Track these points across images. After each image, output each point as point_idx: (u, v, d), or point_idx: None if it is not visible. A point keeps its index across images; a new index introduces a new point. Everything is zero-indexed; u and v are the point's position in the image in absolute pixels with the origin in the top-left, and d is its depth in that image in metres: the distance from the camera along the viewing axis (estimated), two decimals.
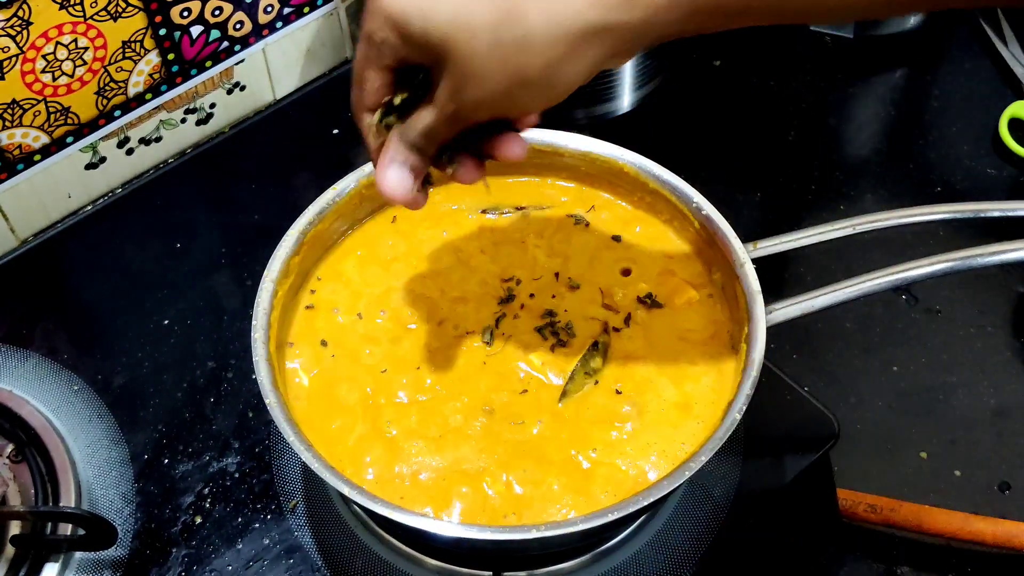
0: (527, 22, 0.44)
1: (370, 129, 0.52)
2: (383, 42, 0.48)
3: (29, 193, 0.86)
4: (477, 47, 0.45)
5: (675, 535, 0.68)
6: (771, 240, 0.67)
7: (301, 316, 0.67)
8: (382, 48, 0.48)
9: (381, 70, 0.50)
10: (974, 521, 0.73)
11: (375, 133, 0.53)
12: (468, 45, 0.45)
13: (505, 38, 0.44)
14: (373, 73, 0.50)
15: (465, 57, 0.45)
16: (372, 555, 0.67)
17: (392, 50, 0.48)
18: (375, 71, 0.50)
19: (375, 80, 0.50)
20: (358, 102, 0.52)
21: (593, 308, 0.68)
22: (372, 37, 0.48)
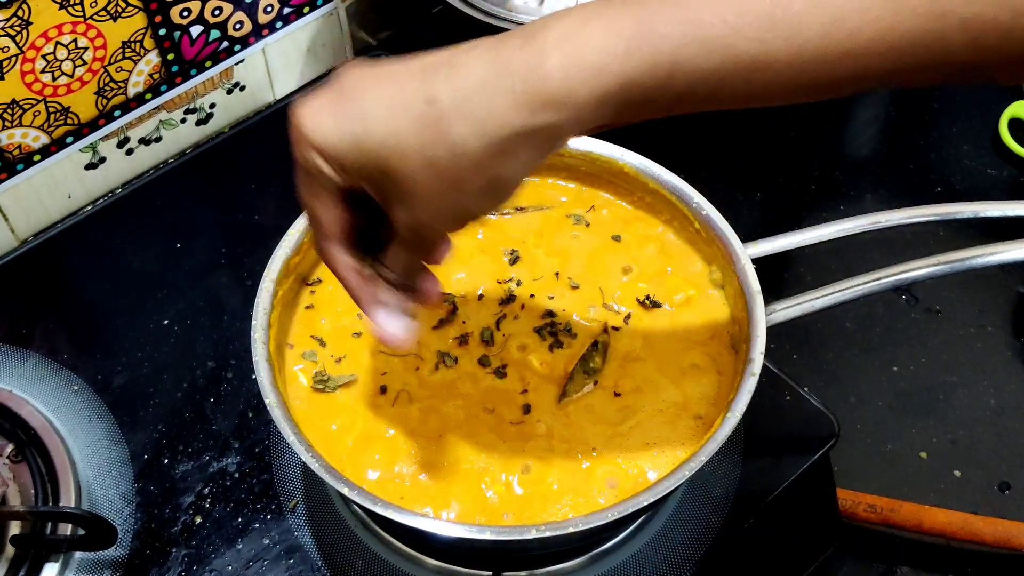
0: (453, 136, 0.43)
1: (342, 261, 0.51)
2: (320, 173, 0.46)
3: (29, 193, 0.86)
4: (414, 169, 0.44)
5: (675, 535, 0.68)
6: (771, 240, 0.67)
7: (301, 316, 0.67)
8: (321, 179, 0.47)
9: (328, 199, 0.48)
10: (974, 521, 0.73)
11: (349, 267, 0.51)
12: (405, 168, 0.44)
13: (436, 155, 0.43)
14: (320, 203, 0.48)
15: (406, 180, 0.44)
16: (372, 555, 0.67)
17: (331, 180, 0.47)
18: (322, 201, 0.48)
19: (325, 210, 0.49)
20: (321, 239, 0.50)
21: (593, 308, 0.68)
22: (307, 168, 0.47)
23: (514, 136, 0.43)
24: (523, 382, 0.64)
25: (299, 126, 0.46)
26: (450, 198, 0.45)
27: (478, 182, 0.44)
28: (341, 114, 0.45)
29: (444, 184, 0.44)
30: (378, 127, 0.44)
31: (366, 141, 0.44)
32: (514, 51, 0.43)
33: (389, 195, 0.46)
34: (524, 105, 0.42)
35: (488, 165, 0.44)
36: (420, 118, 0.43)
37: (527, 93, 0.42)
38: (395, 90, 0.44)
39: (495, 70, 0.43)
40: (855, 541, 0.76)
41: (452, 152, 0.43)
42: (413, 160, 0.44)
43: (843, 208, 0.92)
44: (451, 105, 0.43)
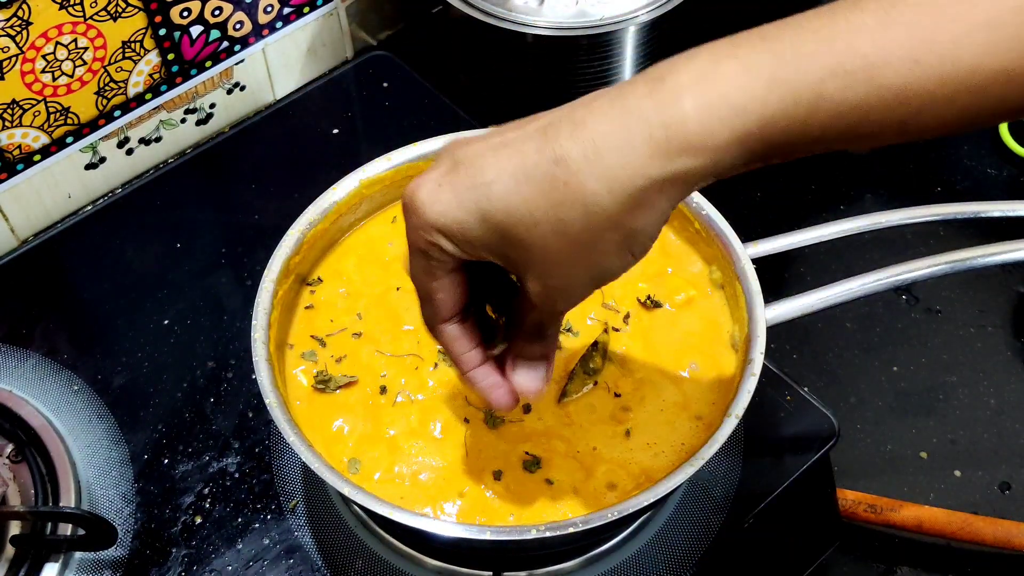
0: (588, 195, 0.41)
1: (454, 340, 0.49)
2: (441, 251, 0.44)
3: (29, 193, 0.86)
4: (544, 234, 0.42)
5: (675, 535, 0.68)
6: (771, 240, 0.67)
7: (301, 316, 0.67)
8: (441, 257, 0.45)
9: (447, 276, 0.46)
10: (974, 521, 0.73)
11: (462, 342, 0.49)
12: (535, 236, 0.42)
13: (570, 218, 0.41)
14: (439, 283, 0.46)
15: (537, 248, 0.42)
16: (372, 555, 0.67)
17: (453, 258, 0.45)
18: (440, 280, 0.46)
19: (445, 289, 0.47)
20: (433, 317, 0.48)
21: (593, 308, 0.68)
22: (427, 252, 0.45)
23: (650, 186, 0.41)
24: None
25: (417, 208, 0.44)
26: (585, 261, 0.43)
27: (614, 239, 0.43)
28: (461, 188, 0.43)
29: (578, 246, 0.42)
30: (503, 196, 0.42)
31: (492, 212, 0.42)
32: (642, 98, 0.41)
33: (519, 266, 0.44)
34: (661, 153, 0.40)
35: (624, 220, 0.42)
36: (548, 180, 0.41)
37: (664, 140, 0.40)
38: (515, 155, 0.42)
39: (625, 120, 0.41)
40: (855, 541, 0.76)
41: (585, 211, 0.41)
42: (544, 226, 0.42)
43: (843, 208, 0.92)
44: (581, 162, 0.41)
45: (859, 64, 0.39)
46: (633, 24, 0.88)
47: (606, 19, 0.87)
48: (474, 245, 0.44)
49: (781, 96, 0.40)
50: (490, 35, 0.88)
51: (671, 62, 0.42)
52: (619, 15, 0.87)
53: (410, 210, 0.44)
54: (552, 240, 0.42)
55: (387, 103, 0.96)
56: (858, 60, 0.39)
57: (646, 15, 0.88)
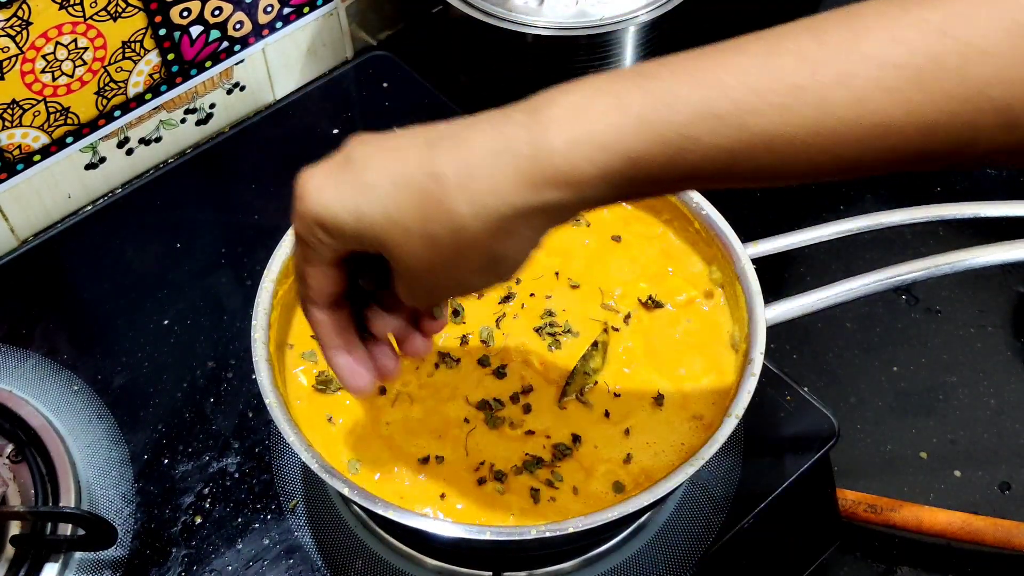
0: (454, 214, 0.41)
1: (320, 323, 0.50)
2: (319, 242, 0.46)
3: (29, 193, 0.86)
4: (414, 245, 0.43)
5: (675, 535, 0.68)
6: (771, 240, 0.67)
7: (301, 316, 0.67)
8: (319, 248, 0.46)
9: (324, 266, 0.47)
10: (974, 521, 0.73)
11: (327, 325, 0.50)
12: (405, 244, 0.43)
13: (438, 232, 0.42)
14: (316, 270, 0.47)
15: (405, 255, 0.43)
16: (372, 555, 0.67)
17: (331, 249, 0.46)
18: (317, 268, 0.47)
19: (319, 277, 0.48)
20: (304, 299, 0.50)
21: (593, 308, 0.68)
22: (307, 240, 0.46)
23: (515, 214, 0.42)
24: (523, 382, 0.64)
25: (302, 197, 0.45)
26: (449, 275, 0.44)
27: (478, 260, 0.43)
28: (344, 186, 0.44)
29: (443, 260, 0.43)
30: (380, 200, 0.43)
31: (368, 213, 0.43)
32: (518, 127, 0.41)
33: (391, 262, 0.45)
34: (526, 183, 0.41)
35: (488, 243, 0.43)
36: (422, 194, 0.42)
37: (530, 171, 0.41)
38: (399, 162, 0.43)
39: (498, 145, 0.41)
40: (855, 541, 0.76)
41: (452, 229, 0.42)
42: (414, 236, 0.43)
43: (843, 208, 0.92)
44: (453, 180, 0.41)
45: (728, 108, 0.39)
46: (633, 24, 0.88)
47: (606, 19, 0.87)
48: (348, 241, 0.45)
49: (648, 136, 0.40)
50: (490, 35, 0.88)
51: (553, 92, 0.42)
52: (619, 15, 0.88)
53: (297, 197, 0.45)
54: (420, 250, 0.43)
55: (387, 103, 0.96)
56: (728, 104, 0.39)
57: (646, 15, 0.88)
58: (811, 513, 0.75)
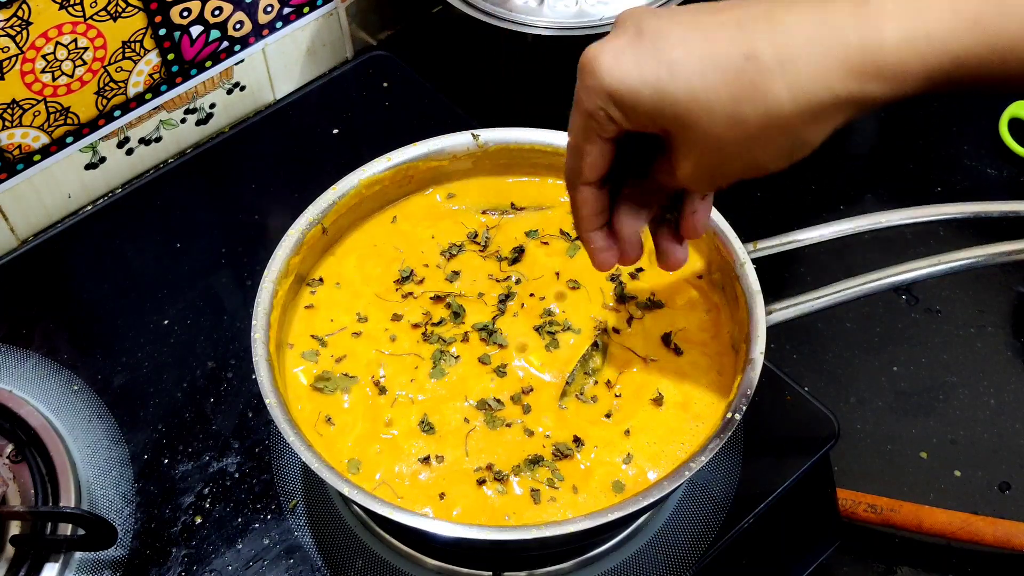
0: (770, 97, 0.42)
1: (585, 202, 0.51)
2: (607, 117, 0.45)
3: (29, 193, 0.86)
4: (718, 123, 0.43)
5: (675, 535, 0.68)
6: (771, 240, 0.67)
7: (301, 316, 0.67)
8: (604, 123, 0.46)
9: (603, 142, 0.47)
10: (974, 521, 0.73)
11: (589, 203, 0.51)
12: (707, 122, 0.43)
13: (747, 113, 0.42)
14: (594, 147, 0.47)
15: (706, 133, 0.43)
16: (372, 555, 0.67)
17: (616, 124, 0.46)
18: (596, 144, 0.47)
19: (595, 153, 0.48)
20: (576, 174, 0.50)
21: (593, 308, 0.68)
22: (594, 114, 0.45)
23: (833, 102, 0.42)
24: (523, 382, 0.64)
25: (596, 71, 0.44)
26: (747, 154, 0.44)
27: (782, 142, 0.44)
28: (645, 60, 0.43)
29: (745, 140, 0.43)
30: (687, 77, 0.42)
31: (671, 90, 0.43)
32: (846, 16, 0.41)
33: (679, 143, 0.45)
34: (853, 74, 0.41)
35: (798, 128, 0.43)
36: (736, 73, 0.42)
37: (859, 61, 0.41)
38: (707, 39, 0.43)
39: (825, 32, 0.41)
40: (855, 541, 0.76)
41: (765, 111, 0.42)
42: (719, 115, 0.43)
43: (843, 208, 0.92)
44: (773, 63, 0.41)
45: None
46: None
47: (606, 19, 0.87)
48: (641, 117, 0.44)
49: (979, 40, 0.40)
50: (490, 35, 0.88)
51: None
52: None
53: (587, 71, 0.45)
54: (722, 129, 0.43)
55: (387, 103, 0.96)
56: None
57: None
58: (811, 513, 0.75)
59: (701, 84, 0.42)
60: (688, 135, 0.44)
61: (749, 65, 0.42)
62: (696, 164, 0.45)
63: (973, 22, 0.40)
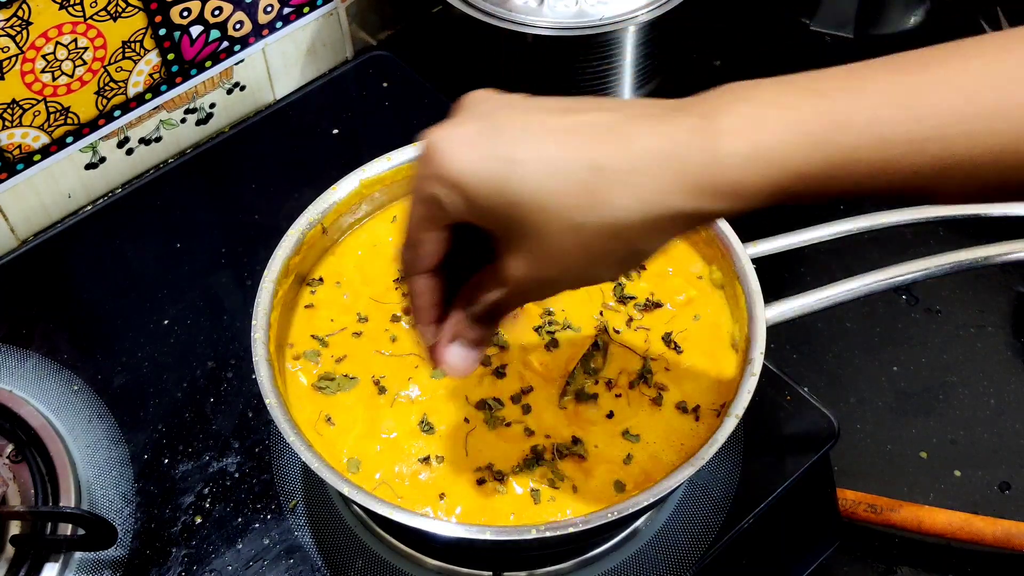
0: (612, 208, 0.42)
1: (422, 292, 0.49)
2: (447, 207, 0.44)
3: (29, 193, 0.86)
4: (557, 229, 0.42)
5: (675, 535, 0.68)
6: (771, 240, 0.67)
7: (301, 316, 0.67)
8: (444, 211, 0.45)
9: (440, 231, 0.46)
10: (974, 521, 0.73)
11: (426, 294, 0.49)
12: (545, 227, 0.42)
13: (588, 222, 0.42)
14: (430, 235, 0.46)
15: (543, 238, 0.43)
16: (372, 555, 0.67)
17: (456, 213, 0.45)
18: (431, 235, 0.46)
19: (432, 243, 0.47)
20: (411, 264, 0.49)
21: (593, 308, 0.68)
22: (435, 203, 0.44)
23: (673, 216, 0.42)
24: (523, 382, 0.64)
25: (440, 158, 0.43)
26: (582, 264, 0.44)
27: (619, 254, 0.44)
28: (492, 153, 0.43)
29: (583, 250, 0.43)
30: (532, 179, 0.42)
31: (513, 189, 0.42)
32: (689, 133, 0.41)
33: (514, 245, 0.44)
34: (693, 190, 0.41)
35: (635, 240, 0.43)
36: (580, 183, 0.42)
37: (699, 178, 0.41)
38: (557, 145, 0.42)
39: (668, 148, 0.41)
40: (855, 541, 0.76)
41: (604, 223, 0.42)
42: (559, 222, 0.42)
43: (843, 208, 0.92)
44: (617, 176, 0.41)
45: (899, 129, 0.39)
46: (633, 24, 0.88)
47: (606, 19, 0.87)
48: (480, 212, 0.44)
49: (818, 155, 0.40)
50: (490, 35, 0.88)
51: (726, 97, 0.42)
52: (619, 15, 0.88)
53: (431, 158, 0.44)
54: (560, 237, 0.43)
55: (387, 103, 0.96)
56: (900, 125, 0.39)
57: (646, 15, 0.88)
58: (811, 513, 0.75)
59: (545, 187, 0.42)
60: (526, 239, 0.43)
61: (594, 176, 0.42)
62: (531, 268, 0.45)
63: (810, 138, 0.40)
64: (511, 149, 0.43)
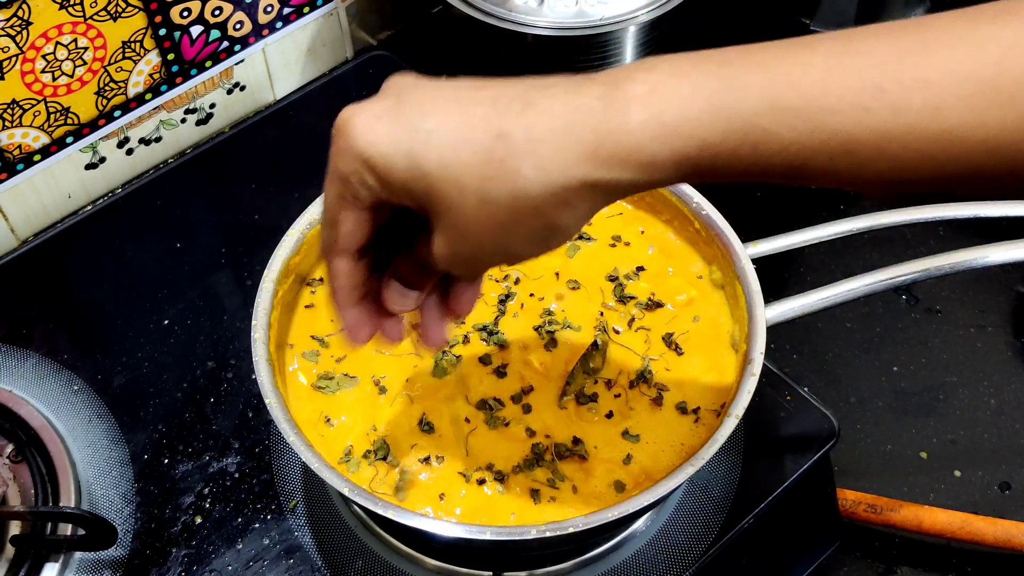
0: (518, 179, 0.41)
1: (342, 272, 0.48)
2: (361, 184, 0.44)
3: (29, 193, 0.86)
4: (468, 203, 0.42)
5: (675, 535, 0.68)
6: (771, 240, 0.67)
7: (301, 316, 0.67)
8: (359, 190, 0.44)
9: (358, 211, 0.46)
10: (974, 521, 0.73)
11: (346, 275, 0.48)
12: (458, 199, 0.42)
13: (496, 193, 0.41)
14: (348, 214, 0.46)
15: (456, 211, 0.42)
16: (372, 555, 0.67)
17: (371, 192, 0.44)
18: (350, 212, 0.46)
19: (351, 222, 0.46)
20: (331, 245, 0.48)
21: (593, 308, 0.68)
22: (347, 179, 0.44)
23: (579, 186, 0.41)
24: (523, 381, 0.64)
25: (350, 133, 0.43)
26: (497, 237, 0.43)
27: (532, 226, 0.43)
28: (400, 127, 0.42)
29: (495, 223, 0.42)
30: (439, 150, 0.41)
31: (423, 161, 0.42)
32: (595, 100, 0.41)
33: (435, 220, 0.44)
34: (597, 159, 0.41)
35: (546, 211, 0.42)
36: (487, 151, 0.41)
37: (602, 146, 0.40)
38: (463, 116, 0.42)
39: (573, 116, 0.41)
40: (855, 541, 0.76)
41: (513, 192, 0.41)
42: (469, 193, 0.42)
43: (843, 208, 0.92)
44: (521, 145, 0.41)
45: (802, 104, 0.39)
46: (633, 24, 0.88)
47: (606, 19, 0.87)
48: (395, 187, 0.43)
49: (719, 124, 0.40)
50: (490, 35, 0.88)
51: (632, 68, 0.42)
52: (619, 15, 0.88)
53: (341, 133, 0.44)
54: (473, 210, 0.42)
55: None
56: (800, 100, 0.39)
57: (646, 15, 0.88)
58: (811, 513, 0.75)
59: (453, 158, 0.41)
60: (441, 212, 0.43)
61: (499, 144, 0.41)
62: (450, 244, 0.44)
63: (709, 106, 0.40)
64: (418, 120, 0.42)
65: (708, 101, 0.40)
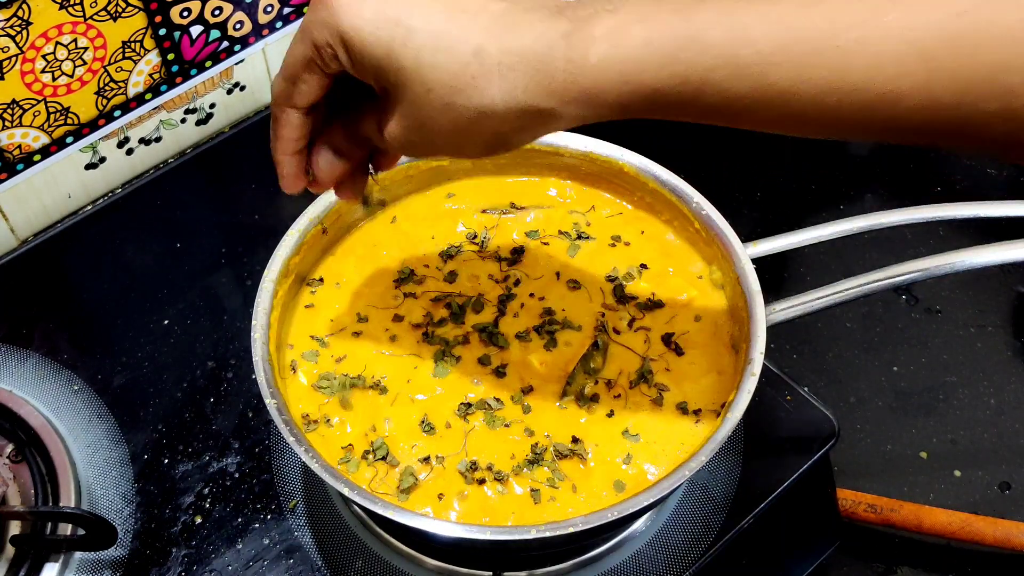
0: (485, 96, 0.44)
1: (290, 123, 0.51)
2: (332, 56, 0.46)
3: (29, 193, 0.86)
4: (432, 102, 0.44)
5: (675, 535, 0.68)
6: (771, 240, 0.67)
7: (301, 316, 0.67)
8: (328, 60, 0.46)
9: (321, 76, 0.48)
10: (974, 521, 0.73)
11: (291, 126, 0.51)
12: (424, 98, 0.45)
13: (461, 104, 0.44)
14: (312, 77, 0.48)
15: (418, 108, 0.45)
16: (372, 555, 0.67)
17: (338, 66, 0.46)
18: (314, 75, 0.48)
19: (312, 83, 0.48)
20: (285, 97, 0.50)
21: (593, 308, 0.68)
22: (320, 48, 0.46)
23: (537, 113, 0.44)
24: (523, 382, 0.64)
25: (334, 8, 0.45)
26: (451, 139, 0.46)
27: (485, 137, 0.46)
28: (384, 16, 0.44)
29: (454, 127, 0.45)
30: (417, 50, 0.44)
31: (399, 55, 0.44)
32: (561, 35, 0.43)
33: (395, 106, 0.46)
34: (557, 92, 0.44)
35: (503, 130, 0.45)
36: (462, 65, 0.44)
37: (559, 83, 0.43)
38: (448, 20, 0.44)
39: (540, 50, 0.43)
40: (855, 541, 0.76)
41: (478, 107, 0.44)
42: (435, 97, 0.44)
43: (843, 208, 0.92)
44: (495, 67, 0.43)
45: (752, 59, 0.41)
46: None
47: None
48: (364, 68, 0.46)
49: (671, 73, 0.43)
50: None
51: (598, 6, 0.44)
52: None
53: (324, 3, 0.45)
54: (436, 111, 0.45)
55: None
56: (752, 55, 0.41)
57: None
58: (811, 513, 0.75)
59: (429, 62, 0.44)
60: (404, 102, 0.45)
61: (475, 61, 0.44)
62: (404, 131, 0.47)
63: (664, 57, 0.42)
64: (404, 13, 0.44)
65: (665, 53, 0.42)
